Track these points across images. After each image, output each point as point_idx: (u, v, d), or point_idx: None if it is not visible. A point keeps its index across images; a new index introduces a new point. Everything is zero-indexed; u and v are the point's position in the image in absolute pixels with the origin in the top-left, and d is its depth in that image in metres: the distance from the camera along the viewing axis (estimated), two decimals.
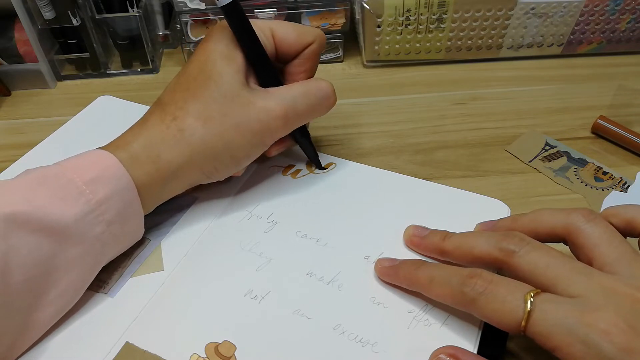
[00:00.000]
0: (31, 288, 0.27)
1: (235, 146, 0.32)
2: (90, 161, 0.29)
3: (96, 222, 0.29)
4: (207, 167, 0.33)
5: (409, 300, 0.30)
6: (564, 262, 0.25)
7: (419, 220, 0.35)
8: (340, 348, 0.28)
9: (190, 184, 0.34)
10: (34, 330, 0.28)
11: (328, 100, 0.35)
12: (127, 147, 0.31)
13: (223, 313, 0.30)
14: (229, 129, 0.31)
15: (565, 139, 0.45)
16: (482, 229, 0.32)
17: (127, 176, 0.30)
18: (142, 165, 0.31)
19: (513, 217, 0.31)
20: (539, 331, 0.24)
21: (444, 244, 0.30)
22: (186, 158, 0.31)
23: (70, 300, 0.29)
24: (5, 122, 0.49)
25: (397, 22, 0.51)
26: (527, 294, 0.24)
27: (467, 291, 0.26)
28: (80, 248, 0.28)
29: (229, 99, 0.31)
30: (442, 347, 0.27)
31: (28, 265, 0.26)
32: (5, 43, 0.49)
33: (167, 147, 0.31)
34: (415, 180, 0.38)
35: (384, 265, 0.31)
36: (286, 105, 0.32)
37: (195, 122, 0.31)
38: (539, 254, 0.26)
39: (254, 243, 0.34)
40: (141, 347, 0.29)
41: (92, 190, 0.28)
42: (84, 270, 0.29)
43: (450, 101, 0.50)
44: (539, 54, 0.55)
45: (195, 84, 0.32)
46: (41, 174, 0.28)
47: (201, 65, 0.32)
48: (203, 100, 0.31)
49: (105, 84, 0.54)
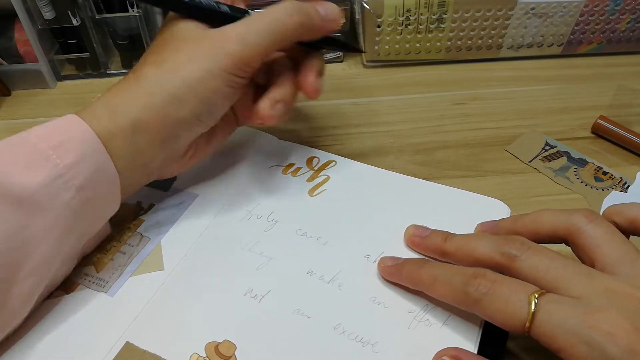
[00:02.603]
0: (3, 262, 0.26)
1: (193, 79, 0.30)
2: (56, 126, 0.28)
3: (65, 187, 0.27)
4: (171, 111, 0.30)
5: (410, 300, 0.30)
6: (565, 264, 0.25)
7: (419, 219, 0.35)
8: (340, 347, 0.28)
9: (164, 138, 0.31)
10: (12, 309, 0.27)
11: (290, 18, 0.31)
12: (89, 109, 0.30)
13: (223, 312, 0.30)
14: (183, 62, 0.30)
15: (565, 139, 0.45)
16: (483, 230, 0.32)
17: (95, 138, 0.28)
18: (101, 121, 0.29)
19: (514, 217, 0.31)
20: (543, 332, 0.23)
21: (445, 245, 0.30)
22: (143, 106, 0.30)
23: (46, 274, 0.28)
24: (5, 122, 0.49)
25: (397, 22, 0.51)
26: (531, 295, 0.24)
27: (471, 291, 0.26)
28: (50, 215, 0.27)
29: (182, 40, 0.31)
30: (444, 349, 0.27)
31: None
32: (5, 43, 0.49)
33: (123, 99, 0.30)
34: (415, 180, 0.38)
35: (387, 264, 0.31)
36: (239, 27, 0.31)
37: (150, 67, 0.31)
38: (540, 257, 0.26)
39: (254, 242, 0.34)
40: (141, 347, 0.29)
41: (59, 154, 0.27)
42: (56, 240, 0.28)
43: (450, 101, 0.50)
44: (539, 54, 0.55)
45: (155, 45, 0.32)
46: (4, 143, 0.27)
47: (159, 37, 0.33)
48: (159, 50, 0.32)
49: (105, 84, 0.54)
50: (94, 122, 0.29)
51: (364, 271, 0.32)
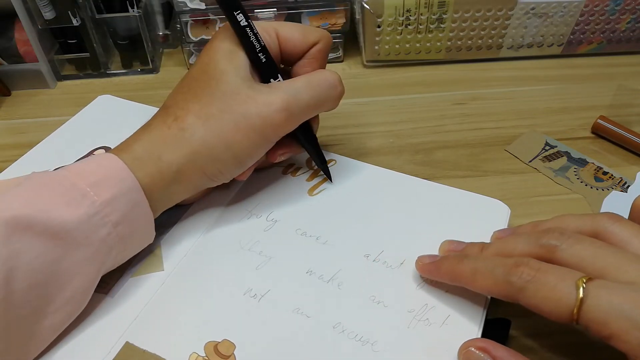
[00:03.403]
0: (37, 294, 0.26)
1: (237, 146, 0.31)
2: (94, 165, 0.29)
3: (101, 223, 0.28)
4: (209, 169, 0.32)
5: (409, 299, 0.30)
6: (613, 251, 0.25)
7: (418, 219, 0.35)
8: (339, 347, 0.28)
9: (195, 187, 0.33)
10: (42, 338, 0.28)
11: (334, 89, 0.33)
12: (130, 150, 0.31)
13: (222, 312, 0.30)
14: (229, 126, 0.31)
15: (565, 139, 0.45)
16: (500, 236, 0.32)
17: (131, 177, 0.29)
18: (144, 166, 0.30)
19: (533, 223, 0.30)
20: (593, 318, 0.23)
21: (484, 254, 0.29)
22: (187, 159, 0.31)
23: (78, 307, 0.29)
24: (5, 122, 0.49)
25: (397, 22, 0.51)
26: (579, 280, 0.23)
27: (514, 280, 0.25)
28: (86, 251, 0.28)
29: (229, 96, 0.31)
30: (471, 340, 0.26)
31: (32, 271, 0.26)
32: (5, 43, 0.49)
33: (168, 147, 0.31)
34: (416, 179, 0.38)
35: (425, 262, 0.31)
36: (288, 97, 0.31)
37: (196, 120, 0.31)
38: (583, 245, 0.25)
39: (254, 242, 0.34)
40: (141, 347, 0.29)
41: (97, 192, 0.28)
42: (90, 275, 0.29)
43: (450, 101, 0.50)
44: (539, 54, 0.55)
45: (197, 85, 0.32)
46: (44, 179, 0.28)
47: (204, 66, 0.32)
48: (204, 99, 0.31)
49: (105, 84, 0.54)
50: (136, 165, 0.30)
51: (363, 270, 0.32)
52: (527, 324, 0.31)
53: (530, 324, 0.31)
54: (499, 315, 0.30)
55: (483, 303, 0.30)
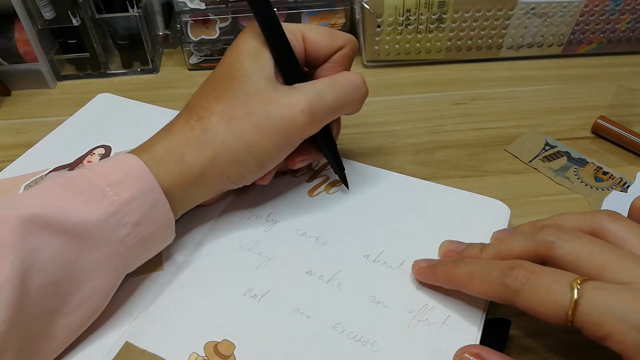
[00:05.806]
0: (53, 293, 0.26)
1: (259, 148, 0.31)
2: (114, 164, 0.29)
3: (120, 224, 0.28)
4: (232, 171, 0.31)
5: (409, 299, 0.30)
6: (609, 249, 0.25)
7: (418, 219, 0.35)
8: (339, 347, 0.28)
9: (217, 189, 0.33)
10: (58, 340, 0.27)
11: (358, 91, 0.33)
12: (151, 150, 0.30)
13: (222, 312, 0.30)
14: (252, 128, 0.30)
15: (565, 139, 0.45)
16: (500, 237, 0.32)
17: (151, 177, 0.29)
18: (165, 167, 0.30)
19: (532, 222, 0.30)
20: (587, 319, 0.23)
21: (483, 255, 0.29)
22: (209, 161, 0.30)
23: (96, 308, 0.29)
24: (5, 122, 0.49)
25: (397, 22, 0.51)
26: (573, 282, 0.23)
27: (509, 283, 0.25)
28: (104, 251, 0.28)
29: (252, 97, 0.31)
30: (466, 346, 0.26)
31: (50, 269, 0.26)
32: (5, 43, 0.49)
33: (190, 148, 0.30)
34: (415, 180, 0.38)
35: (421, 266, 0.31)
36: (311, 99, 0.31)
37: (219, 121, 0.31)
38: (580, 242, 0.25)
39: (254, 242, 0.34)
40: (141, 347, 0.29)
41: (116, 192, 0.28)
42: (108, 275, 0.28)
43: (450, 101, 0.50)
44: (539, 54, 0.55)
45: (221, 85, 0.32)
46: (63, 178, 0.28)
47: (228, 67, 0.32)
48: (227, 100, 0.31)
49: (105, 84, 0.54)
50: (158, 166, 0.30)
51: (363, 271, 0.32)
52: (527, 324, 0.31)
53: (530, 324, 0.31)
54: (498, 315, 0.30)
55: (483, 303, 0.30)
